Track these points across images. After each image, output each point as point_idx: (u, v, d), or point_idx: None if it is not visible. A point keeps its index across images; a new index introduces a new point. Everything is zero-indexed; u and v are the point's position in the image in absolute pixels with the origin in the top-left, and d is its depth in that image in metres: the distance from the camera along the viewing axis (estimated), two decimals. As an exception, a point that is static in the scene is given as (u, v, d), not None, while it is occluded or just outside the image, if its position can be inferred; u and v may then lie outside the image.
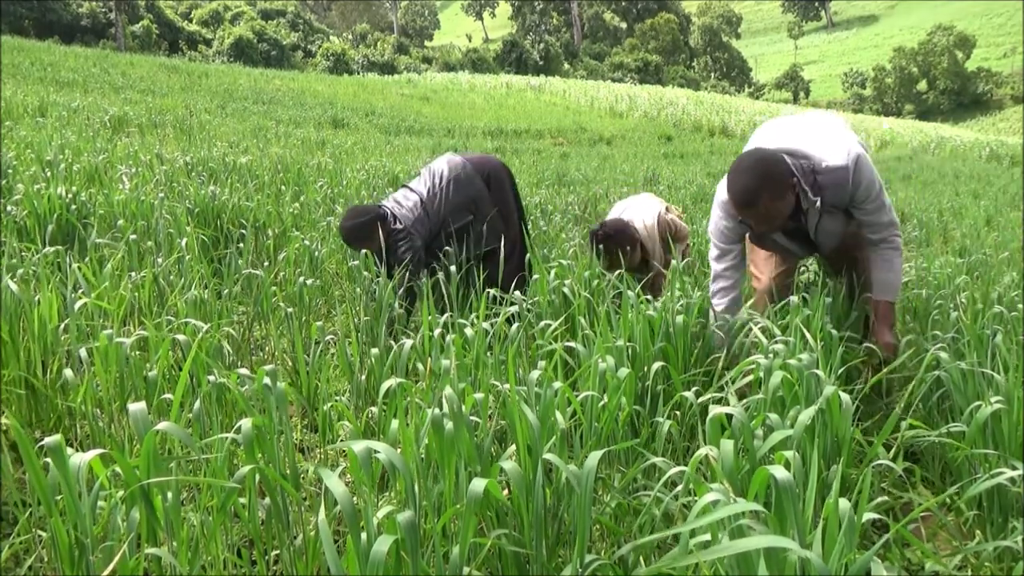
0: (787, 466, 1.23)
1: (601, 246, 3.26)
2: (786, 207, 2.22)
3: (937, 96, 55.51)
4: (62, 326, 2.10)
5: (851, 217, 2.39)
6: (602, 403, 1.75)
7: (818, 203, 2.25)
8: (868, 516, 1.19)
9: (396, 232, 3.22)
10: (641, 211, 3.52)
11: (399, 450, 1.42)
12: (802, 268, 3.04)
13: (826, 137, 2.30)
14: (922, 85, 56.71)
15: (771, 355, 1.83)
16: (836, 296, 2.51)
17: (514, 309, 2.63)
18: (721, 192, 2.42)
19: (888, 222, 2.35)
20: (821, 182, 2.25)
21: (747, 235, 2.53)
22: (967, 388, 1.94)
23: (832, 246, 2.49)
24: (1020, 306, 2.76)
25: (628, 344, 2.12)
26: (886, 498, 1.56)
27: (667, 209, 3.66)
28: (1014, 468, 1.54)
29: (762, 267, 2.74)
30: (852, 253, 2.57)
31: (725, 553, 0.97)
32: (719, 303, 2.48)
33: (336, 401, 1.84)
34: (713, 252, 2.53)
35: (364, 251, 3.19)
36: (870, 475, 1.19)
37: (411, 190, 3.41)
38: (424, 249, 3.31)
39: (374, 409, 1.92)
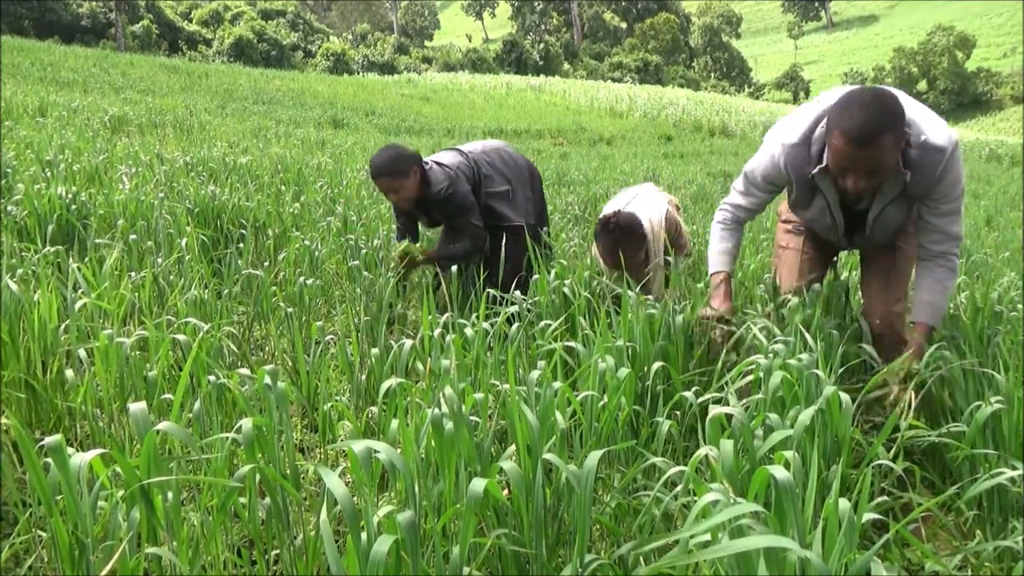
0: (787, 466, 1.23)
1: (609, 239, 2.96)
2: (897, 161, 1.87)
3: (937, 96, 55.49)
4: (62, 326, 2.10)
5: (912, 212, 2.11)
6: (602, 403, 1.75)
7: (907, 177, 1.92)
8: (868, 516, 1.19)
9: (440, 174, 3.08)
10: (648, 206, 3.24)
11: (399, 450, 1.42)
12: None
13: (927, 111, 1.98)
14: (922, 85, 56.71)
15: (771, 355, 1.82)
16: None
17: (514, 309, 2.63)
18: (788, 133, 2.09)
19: (955, 234, 2.06)
20: (913, 159, 1.92)
21: (798, 196, 2.18)
22: (967, 388, 1.94)
23: (882, 242, 2.21)
24: (1020, 306, 2.76)
25: (628, 344, 2.11)
26: (886, 498, 1.56)
27: (674, 207, 3.45)
28: (1014, 468, 1.54)
29: (787, 276, 2.46)
30: (895, 242, 2.28)
31: (725, 553, 0.97)
32: (719, 226, 2.31)
33: (336, 401, 1.84)
34: (738, 185, 2.28)
35: (388, 200, 3.17)
36: (870, 475, 1.19)
37: (447, 150, 3.34)
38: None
39: (374, 409, 1.92)
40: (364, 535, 1.10)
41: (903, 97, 1.96)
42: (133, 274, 2.82)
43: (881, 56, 62.12)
